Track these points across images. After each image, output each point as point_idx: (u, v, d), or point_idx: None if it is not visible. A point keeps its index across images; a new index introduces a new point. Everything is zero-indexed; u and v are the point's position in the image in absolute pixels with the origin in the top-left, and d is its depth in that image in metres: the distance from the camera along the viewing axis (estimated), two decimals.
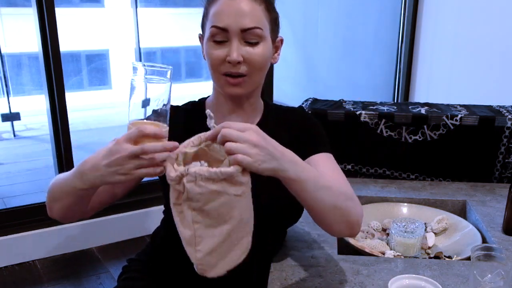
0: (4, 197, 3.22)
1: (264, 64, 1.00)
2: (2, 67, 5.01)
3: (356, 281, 1.01)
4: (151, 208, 2.47)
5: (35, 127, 5.08)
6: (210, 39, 0.97)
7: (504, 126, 1.54)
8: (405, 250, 1.22)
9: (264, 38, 0.98)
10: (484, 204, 1.42)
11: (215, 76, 1.00)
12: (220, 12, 0.95)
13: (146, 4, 7.23)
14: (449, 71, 2.78)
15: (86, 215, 0.99)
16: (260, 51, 0.97)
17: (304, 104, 1.69)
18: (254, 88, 1.03)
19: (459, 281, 1.01)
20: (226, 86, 0.99)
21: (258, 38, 0.96)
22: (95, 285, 2.10)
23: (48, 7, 2.07)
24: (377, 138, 1.60)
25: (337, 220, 0.91)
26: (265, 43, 0.98)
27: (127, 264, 1.17)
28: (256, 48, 0.97)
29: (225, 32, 0.95)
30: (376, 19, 3.32)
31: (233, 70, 0.97)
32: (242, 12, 0.94)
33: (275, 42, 1.04)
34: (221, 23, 0.95)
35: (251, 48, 0.96)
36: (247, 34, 0.95)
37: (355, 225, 0.93)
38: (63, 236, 2.33)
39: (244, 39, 0.96)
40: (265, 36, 0.98)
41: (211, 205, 0.74)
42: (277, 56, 1.06)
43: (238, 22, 0.94)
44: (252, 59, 0.96)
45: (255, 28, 0.95)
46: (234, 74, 0.97)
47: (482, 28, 2.53)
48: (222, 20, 0.95)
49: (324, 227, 0.94)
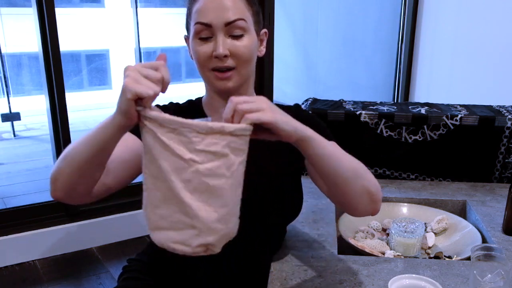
0: (4, 197, 3.22)
1: (250, 56, 1.01)
2: (2, 67, 5.02)
3: (356, 281, 1.01)
4: None
5: (35, 127, 5.08)
6: (195, 37, 0.98)
7: (504, 126, 1.54)
8: (405, 250, 1.22)
9: (248, 30, 0.99)
10: (484, 204, 1.42)
11: (203, 73, 1.01)
12: (203, 8, 0.96)
13: (146, 4, 7.23)
14: (449, 71, 2.78)
15: (88, 197, 0.92)
16: (245, 43, 0.98)
17: (304, 104, 1.69)
18: (243, 81, 1.03)
19: (459, 281, 1.01)
20: (215, 81, 1.00)
21: (242, 31, 0.98)
22: (95, 285, 2.10)
23: (48, 7, 2.07)
24: (377, 138, 1.60)
25: (358, 192, 0.90)
26: (249, 35, 0.99)
27: (128, 264, 1.17)
28: (241, 41, 0.98)
29: (209, 28, 0.96)
30: (376, 19, 3.32)
31: (220, 65, 0.98)
32: (225, 6, 0.96)
33: (260, 34, 1.05)
34: (204, 19, 0.96)
35: (237, 41, 0.97)
36: (231, 28, 0.96)
37: (376, 198, 0.93)
38: (63, 236, 2.33)
39: (228, 33, 0.97)
40: (249, 28, 0.99)
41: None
42: (263, 49, 1.08)
43: (222, 16, 0.95)
44: (238, 51, 0.97)
45: (239, 19, 0.96)
46: (222, 68, 0.98)
47: (482, 28, 2.53)
48: (206, 16, 0.96)
49: (346, 203, 0.93)
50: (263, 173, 1.05)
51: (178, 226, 0.73)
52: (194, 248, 0.73)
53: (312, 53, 3.91)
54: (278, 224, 1.12)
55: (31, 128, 5.07)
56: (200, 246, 0.73)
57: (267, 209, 1.03)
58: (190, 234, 0.73)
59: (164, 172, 0.72)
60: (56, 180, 0.86)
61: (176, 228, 0.73)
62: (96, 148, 0.81)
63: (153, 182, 0.74)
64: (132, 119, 0.74)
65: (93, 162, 0.83)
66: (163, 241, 0.74)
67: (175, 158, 0.71)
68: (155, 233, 0.75)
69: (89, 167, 0.84)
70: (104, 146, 0.81)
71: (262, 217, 1.03)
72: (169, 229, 0.74)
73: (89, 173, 0.85)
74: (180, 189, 0.71)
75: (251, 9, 1.01)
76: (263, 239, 1.07)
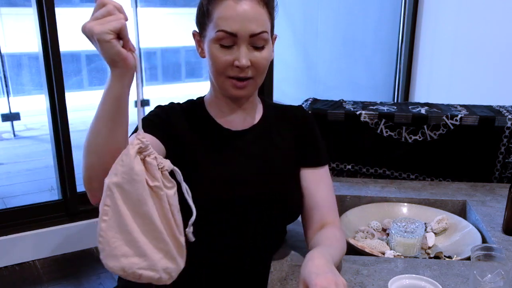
0: (4, 197, 3.22)
1: (267, 66, 1.02)
2: (2, 67, 5.01)
3: (356, 281, 1.01)
4: None
5: (35, 127, 5.08)
6: (216, 42, 0.96)
7: (504, 126, 1.54)
8: (405, 250, 1.22)
9: (269, 41, 0.99)
10: (484, 204, 1.42)
11: (218, 79, 1.00)
12: (228, 16, 0.94)
13: (146, 4, 7.23)
14: (449, 71, 2.78)
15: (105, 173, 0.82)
16: (265, 55, 0.99)
17: (304, 104, 1.69)
18: (256, 89, 1.05)
19: (459, 281, 1.01)
20: (232, 89, 1.00)
21: (264, 42, 0.98)
22: (95, 285, 2.10)
23: (48, 7, 2.07)
24: (377, 138, 1.60)
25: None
26: (268, 46, 1.00)
27: None
28: (262, 52, 0.98)
29: (233, 37, 0.95)
30: (376, 19, 3.32)
31: (241, 75, 0.98)
32: (249, 17, 0.95)
33: (272, 40, 1.05)
34: (229, 28, 0.94)
35: (258, 53, 0.98)
36: (255, 39, 0.96)
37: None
38: (63, 236, 2.33)
39: (251, 44, 0.97)
40: (269, 39, 0.99)
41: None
42: (272, 54, 1.08)
43: (247, 27, 0.94)
44: (259, 63, 0.98)
45: (263, 32, 0.96)
46: (242, 78, 0.98)
47: (482, 28, 2.53)
48: (230, 25, 0.94)
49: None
50: (264, 173, 1.05)
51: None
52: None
53: (312, 53, 3.91)
54: (278, 224, 1.12)
55: (31, 128, 5.06)
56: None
57: (267, 209, 1.03)
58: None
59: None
60: (90, 179, 0.81)
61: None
62: (112, 116, 0.78)
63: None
64: (127, 59, 0.73)
65: (115, 132, 0.79)
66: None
67: None
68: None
69: (114, 142, 0.79)
70: (118, 109, 0.78)
71: (262, 217, 1.03)
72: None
73: (117, 148, 0.81)
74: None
75: (271, 18, 1.01)
76: (263, 239, 1.07)
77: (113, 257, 0.75)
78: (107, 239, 0.75)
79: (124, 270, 0.75)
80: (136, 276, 0.76)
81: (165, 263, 0.77)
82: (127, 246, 0.75)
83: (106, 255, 0.75)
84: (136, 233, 0.75)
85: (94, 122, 0.79)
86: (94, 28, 0.72)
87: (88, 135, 0.80)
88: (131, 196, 0.74)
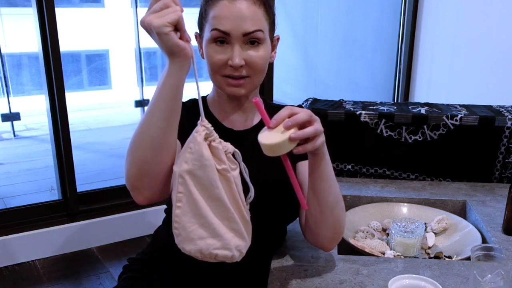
0: (4, 197, 3.22)
1: (264, 66, 1.01)
2: (2, 67, 5.01)
3: (356, 281, 1.01)
4: (151, 208, 2.48)
5: (35, 127, 5.07)
6: (211, 41, 0.97)
7: (504, 126, 1.54)
8: (405, 250, 1.22)
9: (265, 40, 0.99)
10: (484, 204, 1.42)
11: (214, 77, 1.01)
12: (221, 15, 0.95)
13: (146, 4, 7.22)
14: (449, 71, 2.78)
15: (159, 175, 0.84)
16: (261, 54, 0.98)
17: (304, 104, 1.69)
18: (255, 88, 1.04)
19: (459, 281, 1.01)
20: (227, 87, 1.00)
21: (259, 41, 0.98)
22: (95, 285, 2.10)
23: (48, 7, 2.07)
24: (377, 138, 1.60)
25: (329, 224, 0.96)
26: (265, 45, 0.99)
27: (128, 264, 1.17)
28: (258, 51, 0.98)
29: (226, 36, 0.96)
30: (376, 19, 3.32)
31: (235, 74, 0.98)
32: (243, 16, 0.95)
33: (273, 41, 1.05)
34: (222, 26, 0.95)
35: (253, 51, 0.97)
36: (248, 38, 0.96)
37: (337, 236, 1.00)
38: (63, 236, 2.33)
39: (245, 42, 0.97)
40: (265, 38, 0.99)
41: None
42: (274, 55, 1.08)
43: (240, 26, 0.95)
44: (253, 62, 0.98)
45: (257, 31, 0.96)
46: (236, 76, 0.98)
47: (482, 28, 2.53)
48: (224, 24, 0.95)
49: (314, 231, 0.98)
50: (264, 173, 1.05)
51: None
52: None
53: (312, 53, 3.91)
54: (278, 224, 1.12)
55: (31, 128, 5.06)
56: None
57: (268, 209, 1.04)
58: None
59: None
60: (141, 176, 0.82)
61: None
62: (171, 105, 0.82)
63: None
64: (185, 49, 0.78)
65: (172, 123, 0.83)
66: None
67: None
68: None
69: (170, 133, 0.83)
70: (176, 97, 0.83)
71: (262, 217, 1.03)
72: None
73: (171, 141, 0.84)
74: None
75: (268, 18, 1.00)
76: (263, 239, 1.07)
77: (189, 240, 0.79)
78: (183, 224, 0.79)
79: (201, 252, 0.80)
80: (212, 256, 0.80)
81: (236, 241, 0.81)
82: (202, 228, 0.79)
83: (183, 240, 0.80)
84: (209, 215, 0.79)
85: (149, 116, 0.82)
86: (153, 21, 0.75)
87: (141, 131, 0.83)
88: (203, 181, 0.78)
